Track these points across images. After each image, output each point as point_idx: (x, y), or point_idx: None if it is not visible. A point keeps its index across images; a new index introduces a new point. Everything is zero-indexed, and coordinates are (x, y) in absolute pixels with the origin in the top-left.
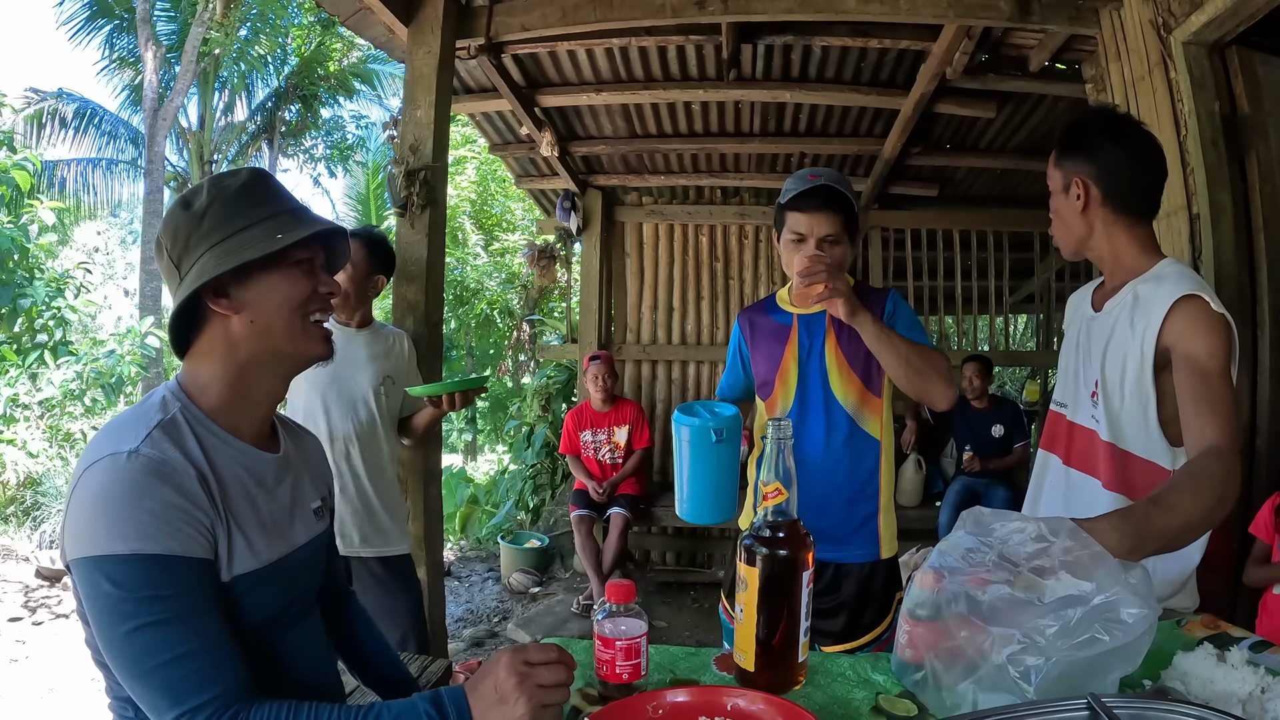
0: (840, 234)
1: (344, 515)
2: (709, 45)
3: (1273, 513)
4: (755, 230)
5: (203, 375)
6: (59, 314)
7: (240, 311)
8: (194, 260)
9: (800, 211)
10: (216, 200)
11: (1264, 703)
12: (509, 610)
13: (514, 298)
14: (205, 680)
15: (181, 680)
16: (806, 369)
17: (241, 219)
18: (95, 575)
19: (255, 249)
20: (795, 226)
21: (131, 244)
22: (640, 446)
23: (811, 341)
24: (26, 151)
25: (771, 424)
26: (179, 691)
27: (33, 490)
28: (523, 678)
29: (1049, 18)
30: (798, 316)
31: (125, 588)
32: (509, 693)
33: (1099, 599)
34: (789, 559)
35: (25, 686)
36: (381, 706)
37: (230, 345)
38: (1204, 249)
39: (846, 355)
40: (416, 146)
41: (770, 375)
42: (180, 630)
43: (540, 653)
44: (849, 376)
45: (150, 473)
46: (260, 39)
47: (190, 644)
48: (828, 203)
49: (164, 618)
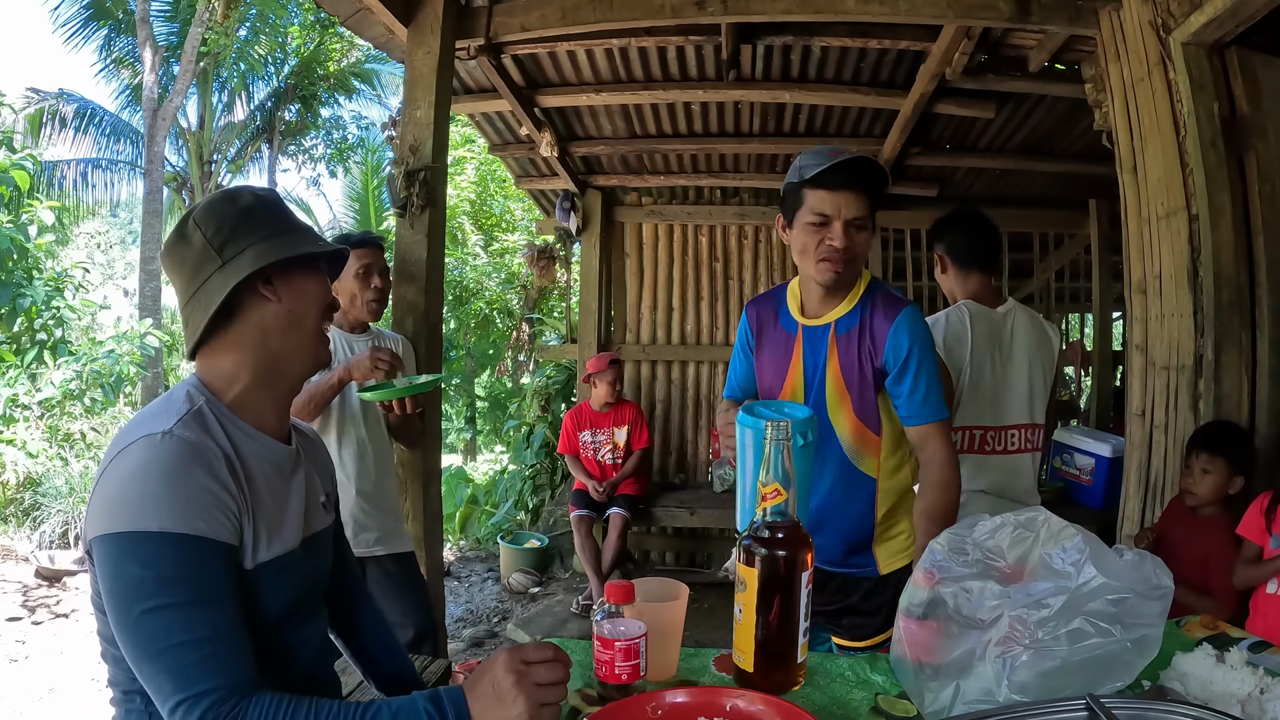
0: (868, 218)
1: (360, 516)
2: (709, 45)
3: (1261, 514)
4: (755, 230)
5: (227, 366)
6: (58, 314)
7: (281, 300)
8: (243, 246)
9: (827, 189)
10: (261, 202)
11: (1263, 703)
12: (509, 610)
13: (513, 298)
14: (213, 668)
15: (190, 665)
16: (810, 392)
17: (285, 221)
18: (121, 551)
19: (307, 246)
20: (819, 206)
21: (131, 244)
22: (639, 447)
23: (815, 358)
24: (25, 150)
25: (771, 425)
26: (186, 676)
27: (32, 490)
28: (520, 676)
29: (1048, 18)
30: (802, 328)
31: (150, 566)
32: (507, 691)
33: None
34: (788, 560)
35: (25, 686)
36: (381, 703)
37: (263, 334)
38: (1203, 249)
39: (845, 378)
40: (416, 147)
41: (776, 387)
42: (197, 615)
43: (537, 651)
44: (845, 404)
45: (184, 454)
46: (260, 39)
47: (204, 630)
48: (860, 180)
49: (182, 600)
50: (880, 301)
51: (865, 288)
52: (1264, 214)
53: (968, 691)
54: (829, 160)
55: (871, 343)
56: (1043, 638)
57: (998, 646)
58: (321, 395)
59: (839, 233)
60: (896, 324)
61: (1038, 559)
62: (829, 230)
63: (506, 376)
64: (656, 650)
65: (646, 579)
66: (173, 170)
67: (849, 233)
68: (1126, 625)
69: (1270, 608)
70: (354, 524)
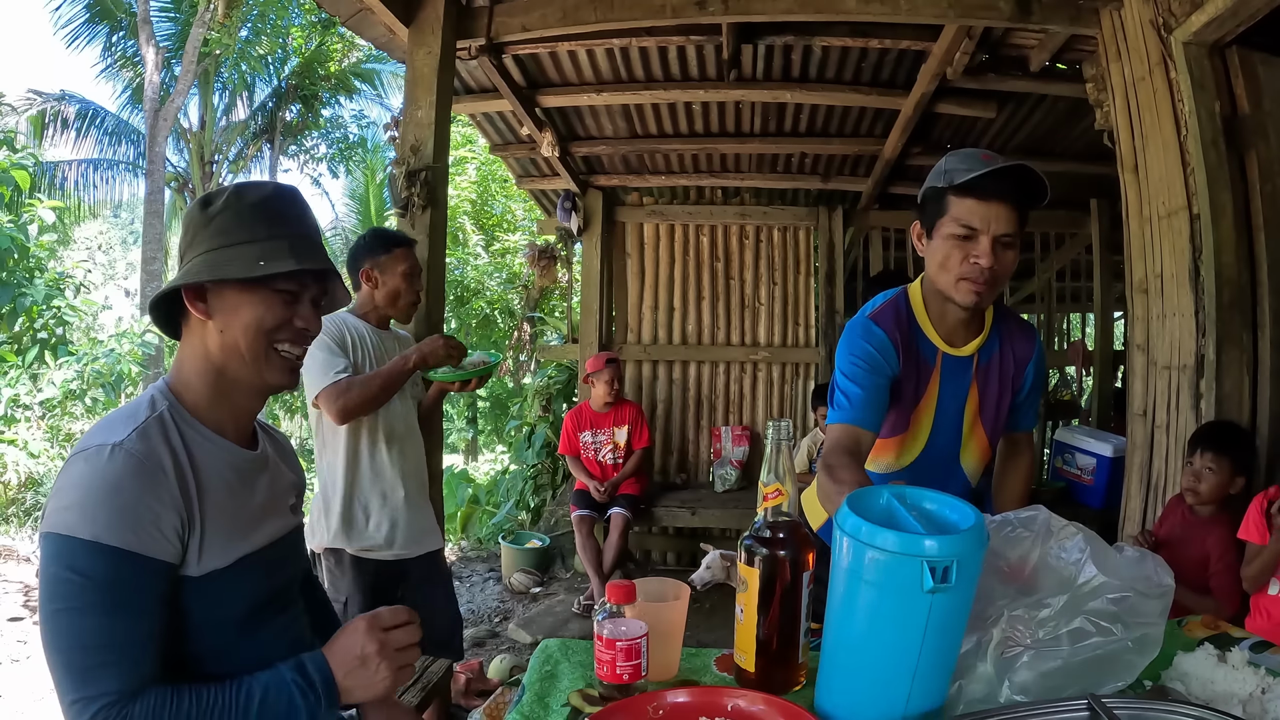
0: (1017, 235)
1: (399, 519)
2: (709, 45)
3: (1261, 513)
4: (755, 230)
5: (186, 372)
6: (59, 314)
7: (213, 318)
8: (190, 258)
9: (977, 199)
10: (230, 209)
11: (1264, 703)
12: (510, 610)
13: (514, 298)
14: (111, 674)
15: (90, 669)
16: (942, 422)
17: (245, 233)
18: (53, 551)
19: (238, 268)
20: (966, 218)
21: (132, 244)
22: (640, 446)
23: (955, 389)
24: (26, 150)
25: (771, 424)
26: (84, 678)
27: (33, 491)
28: (383, 644)
29: (1049, 18)
30: (943, 357)
31: (74, 570)
32: (370, 656)
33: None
34: (789, 560)
35: (25, 686)
36: (250, 680)
37: (206, 348)
38: (1204, 249)
39: (983, 418)
40: (417, 147)
41: (903, 420)
42: (105, 623)
43: (393, 616)
44: (980, 442)
45: (130, 470)
46: (261, 39)
47: (108, 638)
48: (1016, 191)
49: (95, 606)
50: (1014, 328)
51: (994, 312)
52: (1265, 213)
53: (968, 691)
54: (983, 166)
55: (1015, 372)
56: (1043, 637)
57: (998, 646)
58: (395, 381)
59: (986, 250)
60: (1037, 353)
61: (1038, 558)
62: (975, 246)
63: (508, 376)
64: (658, 650)
65: (648, 579)
66: (174, 171)
67: (996, 250)
68: (1127, 624)
69: (1272, 607)
70: (406, 526)
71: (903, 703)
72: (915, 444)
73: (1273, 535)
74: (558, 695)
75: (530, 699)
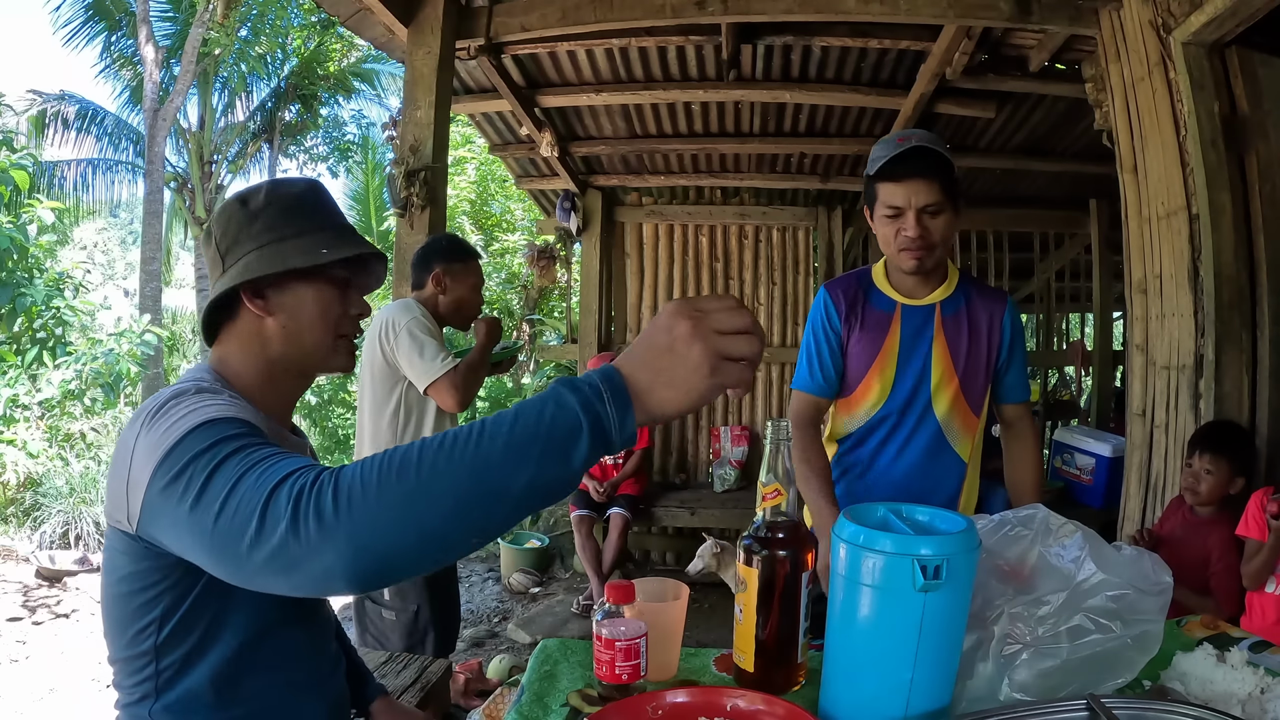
0: (942, 202)
1: None
2: (709, 45)
3: (1260, 509)
4: (755, 230)
5: (234, 363)
6: (58, 314)
7: (274, 315)
8: (239, 256)
9: (893, 181)
10: (273, 204)
11: (1263, 703)
12: (509, 610)
13: (514, 298)
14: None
15: (282, 461)
16: (905, 369)
17: (292, 226)
18: (178, 454)
19: (300, 258)
20: (890, 199)
21: (131, 244)
22: (640, 447)
23: (916, 337)
24: (25, 150)
25: (771, 424)
26: (278, 468)
27: (33, 491)
28: (698, 322)
29: (1049, 18)
30: (902, 307)
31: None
32: (681, 339)
33: (1078, 578)
34: (789, 560)
35: (25, 687)
36: (517, 405)
37: (262, 342)
38: (1203, 249)
39: (953, 358)
40: (416, 147)
41: (862, 371)
42: (268, 444)
43: (714, 300)
44: (950, 384)
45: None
46: (260, 39)
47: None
48: (923, 167)
49: (253, 441)
50: (982, 288)
51: (960, 275)
52: (1264, 213)
53: (968, 691)
54: (893, 150)
55: (990, 326)
56: (1043, 634)
57: (998, 645)
58: (486, 366)
59: (912, 223)
60: (1009, 307)
61: (1037, 556)
62: (903, 221)
63: (507, 376)
64: (657, 650)
65: (647, 579)
66: (173, 171)
67: (924, 220)
68: (1127, 621)
69: (1268, 606)
70: None
71: (903, 704)
72: (882, 390)
73: (1272, 532)
74: (557, 695)
75: (529, 699)
